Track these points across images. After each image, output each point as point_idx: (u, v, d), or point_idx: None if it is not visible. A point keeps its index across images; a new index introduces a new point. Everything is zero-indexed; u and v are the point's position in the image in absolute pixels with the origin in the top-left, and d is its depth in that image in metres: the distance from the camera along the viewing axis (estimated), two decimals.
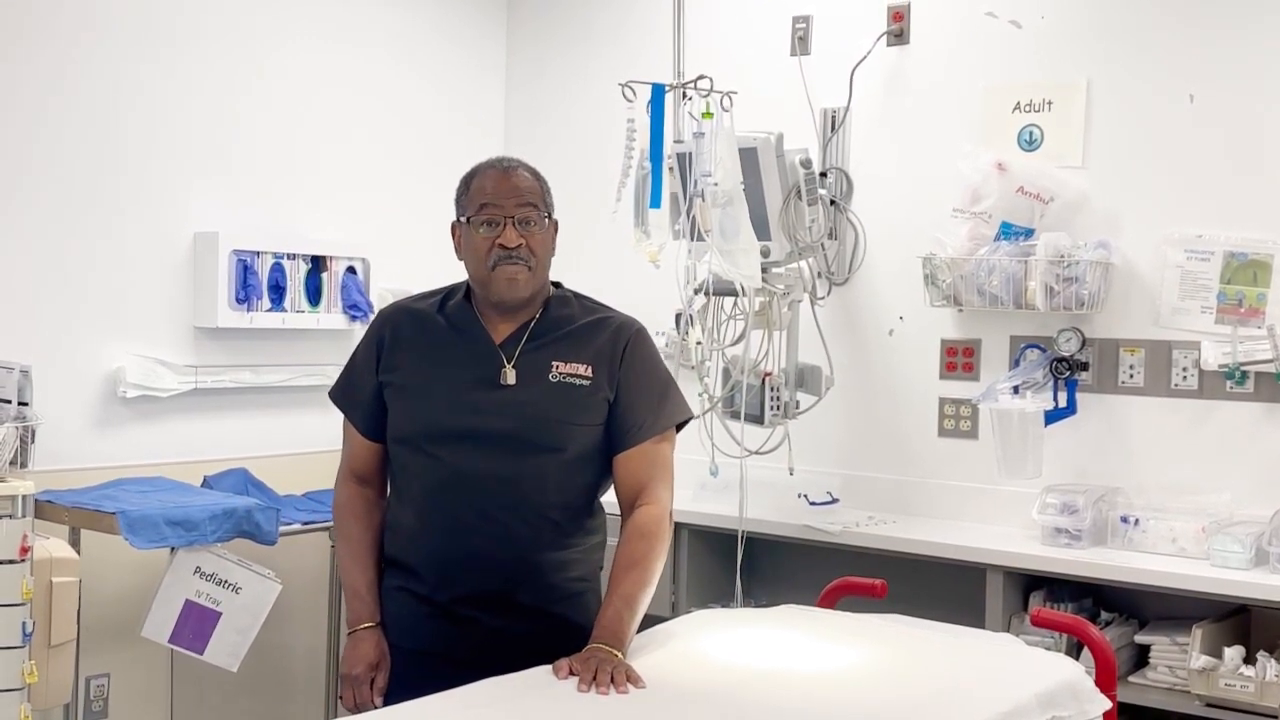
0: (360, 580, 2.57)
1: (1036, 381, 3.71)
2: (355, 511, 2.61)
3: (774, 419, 3.74)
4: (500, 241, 2.47)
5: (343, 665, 2.55)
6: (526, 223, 2.49)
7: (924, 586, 3.63)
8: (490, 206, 2.48)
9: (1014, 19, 3.87)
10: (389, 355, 2.56)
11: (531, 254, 2.49)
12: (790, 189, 3.68)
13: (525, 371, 2.50)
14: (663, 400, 2.58)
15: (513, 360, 2.50)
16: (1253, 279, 3.52)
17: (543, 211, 2.53)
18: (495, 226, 2.48)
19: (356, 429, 2.61)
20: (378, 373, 2.57)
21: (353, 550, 2.59)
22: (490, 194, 2.50)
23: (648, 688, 2.20)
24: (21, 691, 3.06)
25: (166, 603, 3.27)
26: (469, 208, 2.52)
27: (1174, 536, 3.43)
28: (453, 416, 2.48)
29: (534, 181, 2.55)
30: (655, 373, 2.60)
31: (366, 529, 2.60)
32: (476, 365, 2.51)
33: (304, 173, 4.25)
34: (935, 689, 2.28)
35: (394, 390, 2.55)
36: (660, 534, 2.50)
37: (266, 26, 4.15)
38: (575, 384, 2.50)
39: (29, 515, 3.12)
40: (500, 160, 2.58)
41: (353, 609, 2.57)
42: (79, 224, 3.71)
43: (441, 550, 2.48)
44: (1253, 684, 3.15)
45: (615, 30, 4.65)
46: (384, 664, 2.52)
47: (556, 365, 2.50)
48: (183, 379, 3.90)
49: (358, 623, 2.55)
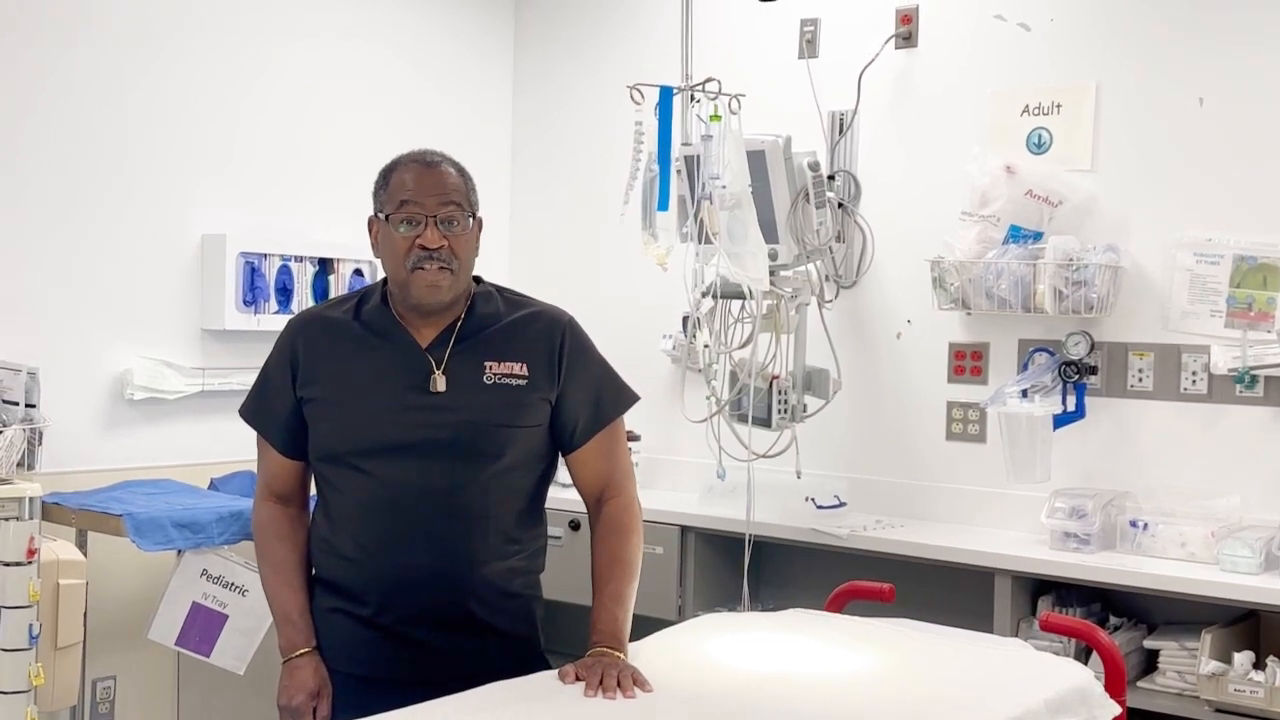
0: (291, 604, 2.41)
1: (1045, 385, 3.70)
2: (280, 532, 2.46)
3: (781, 422, 3.74)
4: (421, 242, 2.32)
5: (280, 696, 2.38)
6: (450, 222, 2.34)
7: (932, 591, 3.62)
8: (411, 204, 2.34)
9: (1023, 22, 3.86)
10: (305, 369, 2.41)
11: (454, 256, 2.34)
12: (798, 192, 3.67)
13: (456, 376, 2.36)
14: (606, 389, 2.48)
15: (442, 365, 2.36)
16: (1263, 283, 3.51)
17: (467, 211, 2.38)
18: (416, 225, 2.33)
19: (274, 448, 2.46)
20: (294, 388, 2.42)
21: (279, 572, 2.44)
22: (412, 190, 2.35)
23: (654, 691, 2.19)
24: (28, 694, 3.06)
25: (173, 605, 3.27)
26: (388, 204, 2.37)
27: (1183, 541, 3.42)
28: (382, 429, 2.34)
29: (459, 178, 2.40)
30: (595, 364, 2.49)
31: (292, 550, 2.45)
32: (403, 373, 2.37)
33: (311, 175, 4.26)
34: (943, 694, 2.27)
35: (315, 406, 2.40)
36: (634, 525, 2.45)
37: (273, 28, 4.15)
38: (511, 385, 2.37)
39: (36, 517, 3.12)
40: (424, 154, 2.42)
41: (284, 635, 2.41)
42: (86, 226, 3.72)
43: (382, 570, 2.35)
44: (1262, 689, 3.13)
45: (623, 32, 4.65)
46: (325, 691, 2.37)
47: (489, 366, 2.37)
48: (190, 381, 3.90)
49: (291, 650, 2.39)
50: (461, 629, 2.38)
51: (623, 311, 4.35)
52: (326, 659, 2.41)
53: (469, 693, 2.16)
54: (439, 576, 2.35)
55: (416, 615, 2.36)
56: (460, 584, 2.36)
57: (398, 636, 2.37)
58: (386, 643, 2.37)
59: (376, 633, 2.38)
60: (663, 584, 3.93)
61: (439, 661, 2.35)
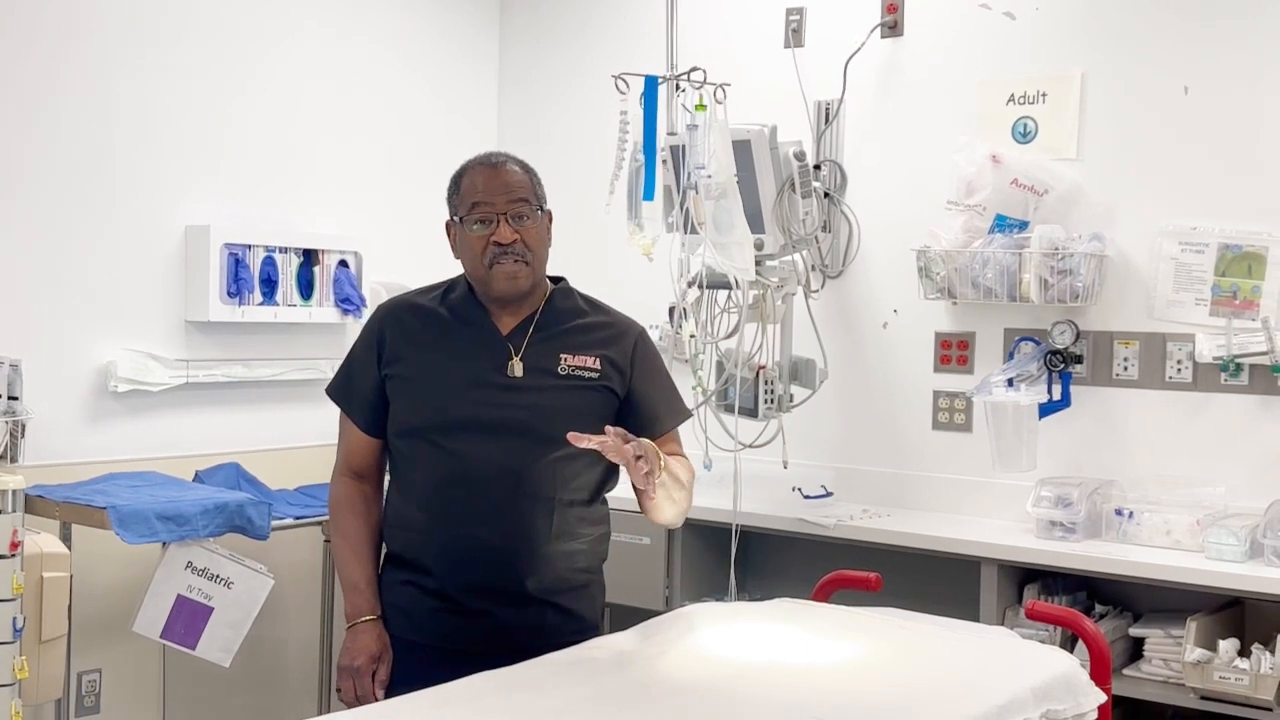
0: (359, 573, 2.56)
1: (1031, 374, 3.70)
2: (354, 507, 2.60)
3: (768, 412, 3.74)
4: (495, 239, 2.48)
5: (342, 657, 2.53)
6: (520, 218, 2.50)
7: (918, 580, 3.63)
8: (482, 205, 2.49)
9: (1008, 11, 3.86)
10: (392, 348, 2.56)
11: (527, 249, 2.50)
12: (784, 181, 3.67)
13: (533, 363, 2.51)
14: (673, 398, 2.67)
15: (520, 352, 2.51)
16: (1247, 271, 3.52)
17: (534, 205, 2.54)
18: (489, 224, 2.49)
19: (356, 425, 2.60)
20: (380, 366, 2.56)
21: (350, 544, 2.59)
22: (481, 192, 2.50)
23: (644, 684, 2.19)
24: (13, 687, 3.05)
25: (158, 598, 3.25)
26: (461, 207, 2.53)
27: (1168, 529, 3.42)
28: (461, 408, 2.48)
29: (524, 175, 2.55)
30: (664, 372, 2.67)
31: (365, 524, 2.60)
32: (484, 357, 2.51)
33: (296, 166, 4.24)
34: (930, 682, 2.28)
35: (399, 383, 2.54)
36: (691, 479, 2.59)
37: (258, 20, 4.13)
38: (584, 376, 2.52)
39: (19, 510, 3.11)
40: (489, 156, 2.58)
41: (351, 602, 2.56)
42: (69, 218, 3.69)
43: (450, 542, 2.48)
44: (1247, 676, 3.14)
45: (608, 23, 4.64)
46: (386, 656, 2.51)
47: (564, 358, 2.53)
48: (174, 373, 3.88)
49: (357, 615, 2.54)
50: (520, 603, 2.48)
51: (608, 301, 4.32)
52: (392, 627, 2.54)
53: (477, 676, 2.20)
54: (501, 550, 2.46)
55: (477, 587, 2.47)
56: (521, 559, 2.47)
57: (460, 607, 2.49)
58: (449, 613, 2.49)
59: (441, 602, 2.50)
60: (650, 574, 3.93)
61: (497, 634, 2.46)
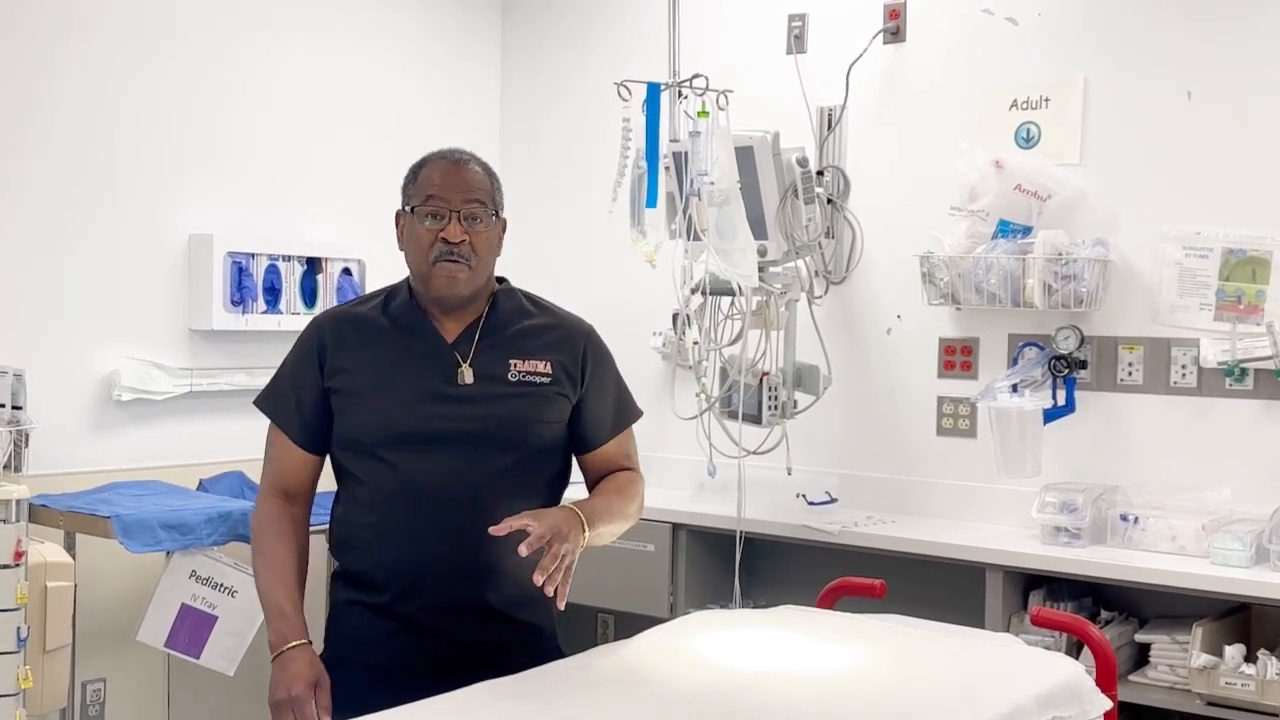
0: (284, 598, 2.38)
1: (1035, 380, 3.70)
2: (279, 529, 2.44)
3: (772, 419, 3.73)
4: (443, 236, 2.38)
5: (275, 691, 2.31)
6: (473, 219, 2.40)
7: (923, 586, 3.62)
8: (436, 199, 2.39)
9: (1010, 16, 3.86)
10: (334, 359, 2.43)
11: (474, 253, 2.40)
12: (787, 188, 3.67)
13: (482, 370, 2.42)
14: (622, 398, 2.58)
15: (468, 359, 2.42)
16: (1251, 276, 3.51)
17: (490, 209, 2.44)
18: (440, 219, 2.38)
19: (292, 440, 2.46)
20: (322, 379, 2.43)
21: (274, 568, 2.41)
22: (438, 185, 2.40)
23: (648, 693, 2.18)
24: (17, 697, 3.05)
25: (162, 607, 3.26)
26: (415, 197, 2.42)
27: (1174, 534, 3.42)
28: (411, 420, 2.38)
29: (485, 177, 2.46)
30: (614, 373, 2.58)
31: (290, 548, 2.43)
32: (431, 366, 2.41)
33: (299, 174, 4.24)
34: (935, 689, 2.27)
35: (344, 396, 2.42)
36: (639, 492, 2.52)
37: (260, 27, 4.13)
38: (536, 382, 2.43)
39: (23, 520, 3.11)
40: (452, 151, 2.47)
41: (275, 630, 2.36)
42: (73, 226, 3.70)
43: (402, 559, 2.37)
44: (1254, 682, 3.14)
45: (610, 29, 4.64)
46: (323, 681, 2.32)
47: (514, 364, 2.43)
48: (178, 382, 3.88)
49: (283, 643, 2.34)
50: (478, 620, 2.40)
51: (612, 309, 4.30)
52: (343, 650, 2.42)
53: (480, 685, 2.16)
54: (457, 567, 2.37)
55: (434, 605, 2.38)
56: (478, 575, 2.38)
57: (414, 626, 2.38)
58: (403, 632, 2.38)
59: (394, 622, 2.39)
60: (654, 581, 3.92)
61: (454, 652, 2.37)
